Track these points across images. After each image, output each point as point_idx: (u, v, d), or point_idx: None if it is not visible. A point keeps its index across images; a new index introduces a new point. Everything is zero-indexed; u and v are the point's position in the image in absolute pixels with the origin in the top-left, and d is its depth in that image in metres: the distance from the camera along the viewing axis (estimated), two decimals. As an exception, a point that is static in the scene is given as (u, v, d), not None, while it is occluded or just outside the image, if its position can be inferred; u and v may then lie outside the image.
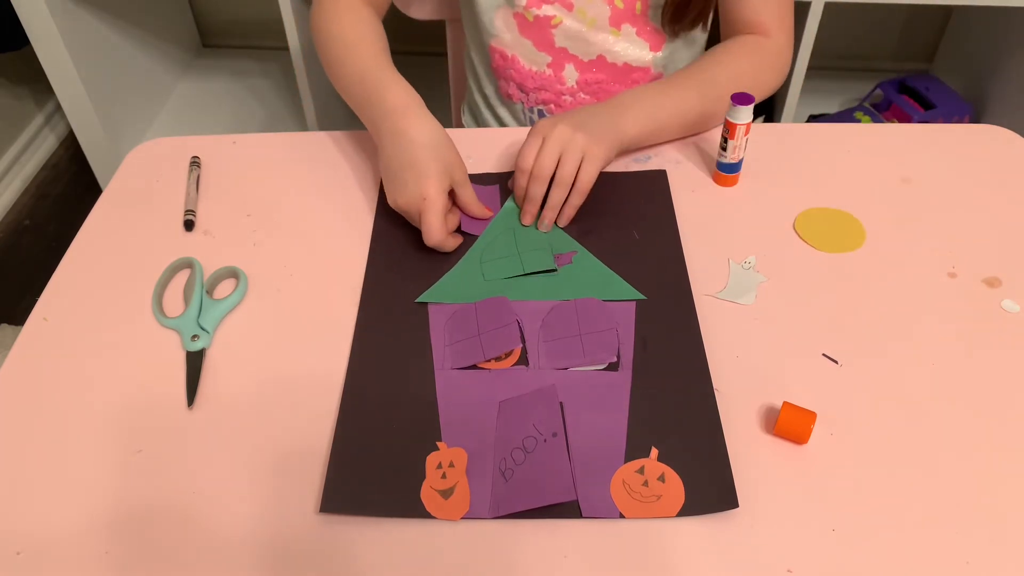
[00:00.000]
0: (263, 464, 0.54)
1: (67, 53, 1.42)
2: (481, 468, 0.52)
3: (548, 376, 0.58)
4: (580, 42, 0.82)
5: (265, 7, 1.79)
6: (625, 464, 0.52)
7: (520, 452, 0.53)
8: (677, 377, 0.57)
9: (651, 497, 0.51)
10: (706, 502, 0.50)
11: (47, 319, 0.64)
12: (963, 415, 0.55)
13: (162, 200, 0.74)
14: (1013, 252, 0.67)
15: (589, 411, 0.56)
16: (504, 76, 0.87)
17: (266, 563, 0.49)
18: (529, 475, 0.52)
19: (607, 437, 0.54)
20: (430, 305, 0.63)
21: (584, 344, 0.60)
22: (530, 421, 0.55)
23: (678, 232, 0.69)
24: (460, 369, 0.59)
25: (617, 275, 0.65)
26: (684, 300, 0.63)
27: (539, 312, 0.62)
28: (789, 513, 0.50)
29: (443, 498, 0.51)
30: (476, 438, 0.54)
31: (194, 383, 0.59)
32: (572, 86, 0.85)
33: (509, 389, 0.57)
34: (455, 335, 0.61)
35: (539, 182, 0.67)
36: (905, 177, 0.74)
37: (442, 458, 0.53)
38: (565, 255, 0.67)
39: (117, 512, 0.52)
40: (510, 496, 0.51)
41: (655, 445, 0.53)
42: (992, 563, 0.48)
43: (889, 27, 1.83)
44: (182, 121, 1.75)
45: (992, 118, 1.58)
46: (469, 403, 0.56)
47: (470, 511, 0.50)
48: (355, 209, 0.73)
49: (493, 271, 0.66)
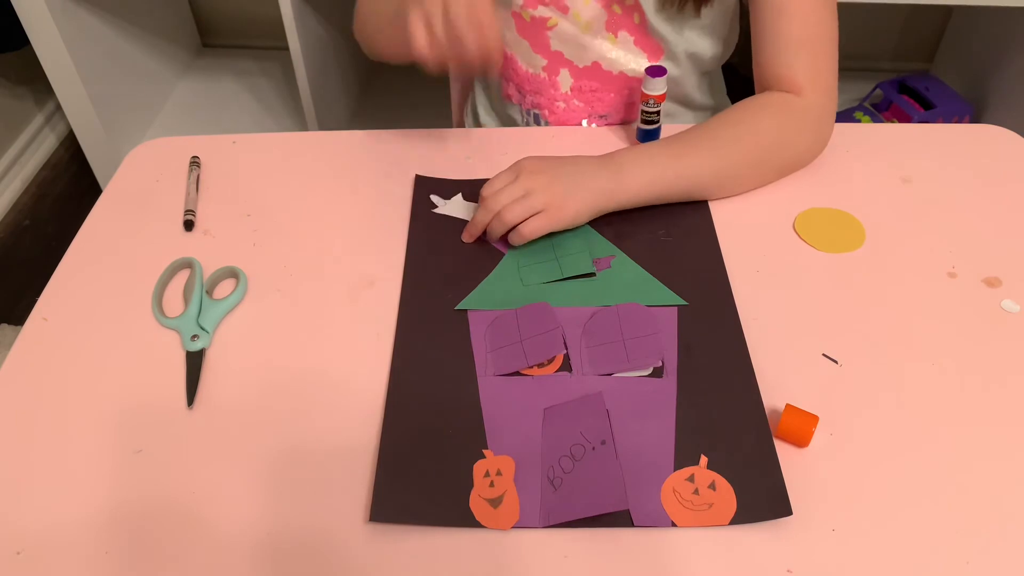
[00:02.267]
0: (263, 464, 0.54)
1: (67, 53, 1.41)
2: (529, 476, 0.52)
3: (592, 382, 0.57)
4: (575, 47, 0.81)
5: (265, 7, 1.79)
6: (675, 472, 0.52)
7: (568, 460, 0.52)
8: (723, 383, 0.57)
9: (703, 505, 0.50)
10: (758, 510, 0.50)
11: (47, 319, 0.64)
12: (963, 415, 0.55)
13: (162, 200, 0.74)
14: (1013, 252, 0.67)
15: (635, 418, 0.55)
16: (505, 75, 0.87)
17: (266, 563, 0.49)
18: (579, 484, 0.51)
19: (655, 445, 0.53)
20: (470, 312, 0.63)
21: (628, 350, 0.59)
22: (577, 428, 0.54)
23: (716, 236, 0.68)
24: (503, 376, 0.58)
25: (657, 280, 0.64)
26: (726, 304, 0.62)
27: (580, 318, 0.62)
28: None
29: (492, 507, 0.50)
30: (522, 446, 0.54)
31: (194, 383, 0.59)
32: (566, 92, 0.84)
33: (553, 396, 0.57)
34: (497, 341, 0.60)
35: (486, 212, 0.67)
36: (905, 177, 0.74)
37: (489, 466, 0.52)
38: (604, 259, 0.66)
39: (117, 512, 0.52)
40: (561, 505, 0.50)
41: (704, 453, 0.53)
42: (992, 563, 0.48)
43: (889, 27, 1.83)
44: (182, 121, 1.75)
45: (992, 118, 1.58)
46: (513, 410, 0.56)
47: (520, 520, 0.50)
48: (355, 209, 0.73)
49: (531, 276, 0.65)
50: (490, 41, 0.62)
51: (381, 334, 0.62)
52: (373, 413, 0.56)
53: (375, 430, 0.55)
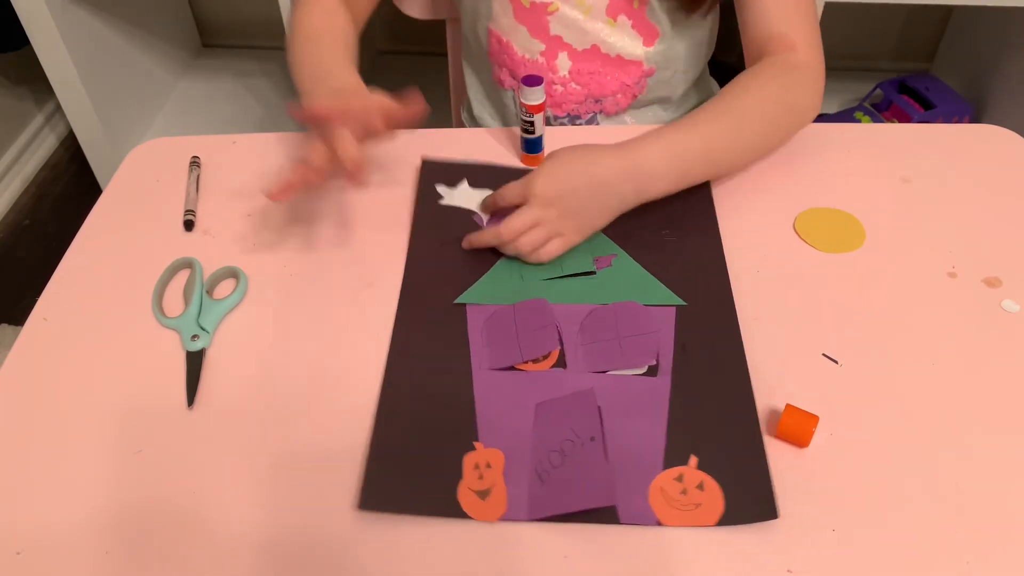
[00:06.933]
0: (263, 464, 0.54)
1: (67, 53, 1.41)
2: (518, 470, 0.52)
3: (586, 379, 0.58)
4: (575, 31, 0.81)
5: (265, 7, 1.78)
6: (664, 471, 0.52)
7: (557, 455, 0.53)
8: (716, 384, 0.57)
9: (690, 505, 0.50)
10: (745, 512, 0.50)
11: (47, 319, 0.64)
12: (963, 415, 0.55)
13: (162, 200, 0.74)
14: (1013, 252, 0.67)
15: (627, 416, 0.55)
16: (498, 62, 0.87)
17: (265, 563, 0.49)
18: (566, 478, 0.51)
19: (645, 443, 0.53)
20: (468, 306, 0.63)
21: (623, 347, 0.59)
22: (568, 424, 0.54)
23: (720, 237, 0.68)
24: (498, 370, 0.58)
25: (657, 280, 0.64)
26: (725, 306, 0.62)
27: (578, 315, 0.62)
28: (789, 513, 0.50)
29: (480, 499, 0.51)
30: (513, 439, 0.54)
31: (194, 383, 0.59)
32: (564, 75, 0.84)
33: (546, 391, 0.57)
34: (493, 336, 0.61)
35: (497, 239, 0.65)
36: (905, 177, 0.74)
37: (479, 458, 0.53)
38: (605, 258, 0.66)
39: (117, 512, 0.52)
40: (547, 499, 0.50)
41: (694, 452, 0.53)
42: (992, 563, 0.48)
43: (889, 27, 1.83)
44: (182, 121, 1.75)
45: (992, 118, 1.58)
46: (506, 404, 0.56)
47: (507, 513, 0.50)
48: (355, 209, 0.73)
49: (532, 273, 0.65)
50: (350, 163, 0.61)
51: (380, 334, 0.62)
52: (373, 412, 0.56)
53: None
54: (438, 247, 0.68)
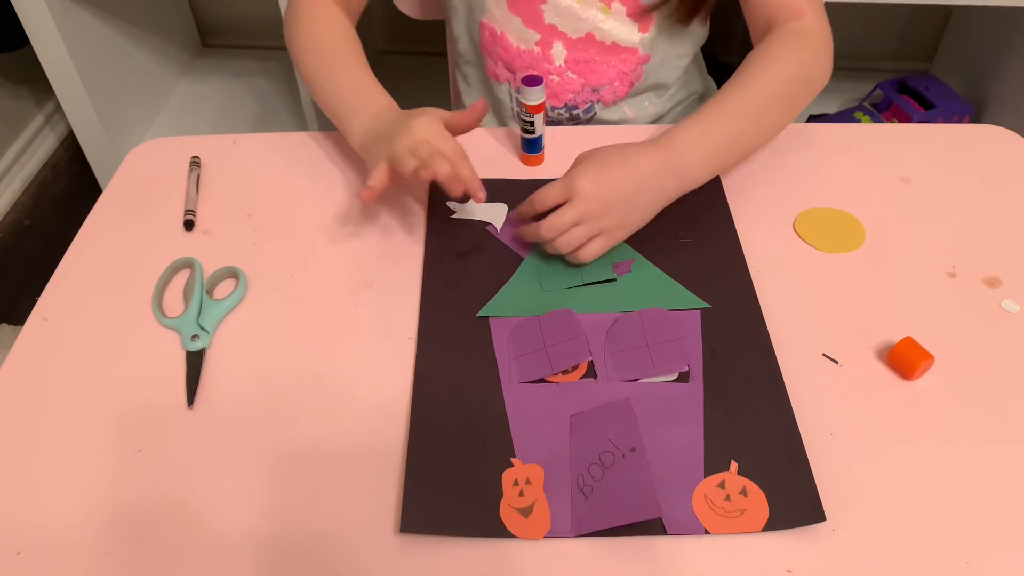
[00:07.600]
0: (263, 464, 0.54)
1: (67, 53, 1.41)
2: (558, 484, 0.51)
3: (618, 388, 0.57)
4: (570, 18, 0.81)
5: (265, 7, 1.79)
6: (705, 478, 0.51)
7: (598, 468, 0.52)
8: (750, 386, 0.56)
9: (735, 512, 0.50)
10: (792, 516, 0.49)
11: (47, 319, 0.64)
12: (963, 415, 0.55)
13: (162, 200, 0.74)
14: (1013, 252, 0.67)
15: (663, 424, 0.54)
16: (492, 55, 0.87)
17: (265, 562, 0.49)
18: (610, 492, 0.51)
19: (684, 450, 0.53)
20: (491, 319, 0.62)
21: (652, 355, 0.58)
22: (605, 435, 0.54)
23: (737, 237, 0.67)
24: (527, 383, 0.58)
25: (678, 283, 0.64)
26: (750, 306, 0.62)
27: (603, 324, 0.61)
28: (789, 513, 0.50)
29: (523, 516, 0.50)
30: (550, 453, 0.53)
31: (194, 383, 0.59)
32: (560, 65, 0.84)
33: (579, 402, 0.56)
34: (520, 348, 0.60)
35: (536, 235, 0.64)
36: (905, 177, 0.74)
37: (518, 475, 0.52)
38: (624, 264, 0.66)
39: (117, 512, 0.52)
40: (592, 514, 0.50)
41: (733, 458, 0.52)
42: (992, 563, 0.48)
43: (889, 27, 1.83)
44: (182, 121, 1.74)
45: (992, 118, 1.58)
46: (540, 417, 0.55)
47: (552, 529, 0.49)
48: (355, 209, 0.73)
49: (551, 281, 0.65)
50: (461, 170, 0.64)
51: (380, 334, 0.62)
52: (374, 412, 0.56)
53: (375, 429, 0.55)
54: (453, 260, 0.67)
